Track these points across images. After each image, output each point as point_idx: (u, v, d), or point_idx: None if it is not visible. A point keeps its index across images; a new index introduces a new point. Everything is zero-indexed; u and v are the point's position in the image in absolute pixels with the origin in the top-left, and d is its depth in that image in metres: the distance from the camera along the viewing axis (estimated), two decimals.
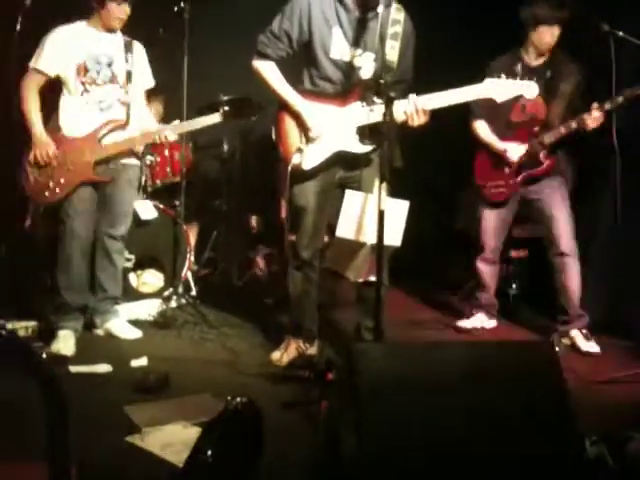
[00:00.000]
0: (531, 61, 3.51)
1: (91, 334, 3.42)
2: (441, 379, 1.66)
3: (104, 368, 2.88)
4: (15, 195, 3.35)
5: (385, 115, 2.41)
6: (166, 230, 4.02)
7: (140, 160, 3.50)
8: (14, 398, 2.23)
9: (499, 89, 2.69)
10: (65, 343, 3.11)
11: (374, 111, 2.73)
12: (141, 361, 2.99)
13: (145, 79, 3.41)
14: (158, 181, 4.20)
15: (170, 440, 2.17)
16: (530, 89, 2.71)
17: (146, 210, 3.89)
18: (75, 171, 3.16)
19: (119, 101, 3.25)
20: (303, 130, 2.87)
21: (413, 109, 2.66)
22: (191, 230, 4.39)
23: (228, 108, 3.40)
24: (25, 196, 3.28)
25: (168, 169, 4.21)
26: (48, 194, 3.17)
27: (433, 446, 1.56)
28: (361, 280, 2.83)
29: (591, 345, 3.44)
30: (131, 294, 3.80)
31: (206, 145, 4.58)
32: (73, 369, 2.85)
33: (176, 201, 4.08)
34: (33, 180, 3.17)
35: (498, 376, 1.69)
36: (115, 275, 3.46)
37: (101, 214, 3.32)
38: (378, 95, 2.70)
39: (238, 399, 1.89)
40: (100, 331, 3.45)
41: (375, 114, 2.71)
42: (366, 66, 2.84)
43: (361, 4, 2.77)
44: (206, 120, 3.31)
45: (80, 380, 2.75)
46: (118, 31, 3.25)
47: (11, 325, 3.24)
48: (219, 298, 4.16)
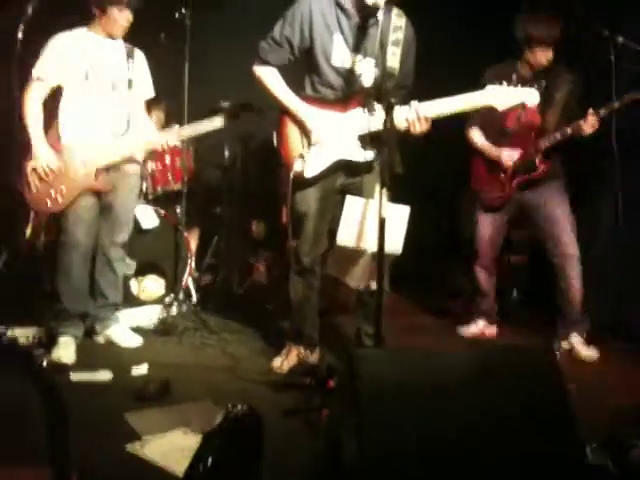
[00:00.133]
0: (526, 73, 3.51)
1: (91, 341, 3.41)
2: (441, 384, 1.65)
3: (105, 375, 2.87)
4: (16, 202, 3.35)
5: (386, 122, 2.41)
6: (167, 237, 4.02)
7: (141, 167, 3.51)
8: (15, 404, 2.22)
9: (501, 96, 2.68)
10: (65, 350, 3.10)
11: (375, 117, 2.73)
12: (142, 368, 2.98)
13: (146, 88, 3.41)
14: (159, 188, 4.20)
15: (171, 448, 2.17)
16: (531, 96, 2.70)
17: (147, 217, 3.89)
18: (76, 179, 3.16)
19: (120, 108, 3.25)
20: (305, 135, 2.88)
21: (415, 116, 2.66)
22: (192, 236, 4.39)
23: (229, 112, 3.40)
24: (26, 203, 3.28)
25: (169, 176, 4.21)
26: (50, 203, 3.16)
27: (434, 451, 1.56)
28: (362, 287, 2.83)
29: (590, 350, 3.44)
30: (132, 301, 3.80)
31: (207, 152, 4.58)
32: (73, 376, 2.84)
33: (177, 208, 4.08)
34: (35, 189, 3.16)
35: (499, 381, 1.69)
36: (116, 282, 3.46)
37: (102, 221, 3.32)
38: (379, 101, 2.71)
39: (239, 407, 1.88)
40: (100, 338, 3.44)
41: (376, 120, 2.71)
42: (367, 72, 2.85)
43: (361, 10, 2.77)
44: (207, 125, 3.31)
45: (80, 387, 2.74)
46: (119, 38, 3.25)
47: (12, 332, 3.24)
48: (220, 304, 4.16)
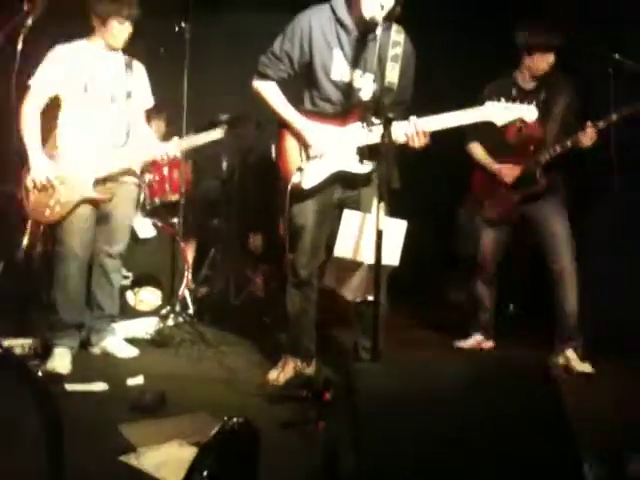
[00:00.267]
0: (526, 85, 3.54)
1: (87, 352, 3.40)
2: (439, 398, 1.65)
3: (100, 386, 2.86)
4: (13, 212, 3.35)
5: (383, 136, 2.43)
6: (164, 248, 4.02)
7: (139, 178, 3.51)
8: (9, 415, 2.21)
9: (499, 112, 2.71)
10: (61, 361, 3.09)
11: (373, 132, 2.74)
12: (137, 379, 2.97)
13: (145, 98, 3.43)
14: (157, 199, 4.21)
15: (165, 460, 2.15)
16: (530, 112, 2.74)
17: (144, 228, 3.89)
18: (74, 190, 3.16)
19: (118, 120, 3.27)
20: (304, 149, 2.89)
21: (414, 131, 2.68)
22: (189, 248, 4.40)
23: (228, 125, 3.41)
24: (23, 214, 3.28)
25: (167, 187, 4.22)
26: (48, 213, 3.16)
27: (431, 465, 1.56)
28: (359, 299, 2.83)
29: (585, 366, 3.43)
30: (128, 312, 3.80)
31: (205, 164, 4.60)
32: (69, 387, 2.83)
33: (174, 219, 4.09)
34: (33, 200, 3.16)
35: (496, 394, 1.69)
36: (112, 293, 3.45)
37: (99, 232, 3.32)
38: (377, 116, 2.72)
39: (235, 419, 1.87)
40: (96, 349, 3.43)
41: (374, 135, 2.72)
42: (366, 87, 2.87)
43: (360, 26, 2.80)
44: (207, 136, 3.32)
45: (76, 398, 2.73)
46: (119, 50, 3.27)
47: (7, 342, 3.23)
48: (216, 316, 4.15)
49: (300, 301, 3.05)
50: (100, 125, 3.22)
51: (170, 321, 3.90)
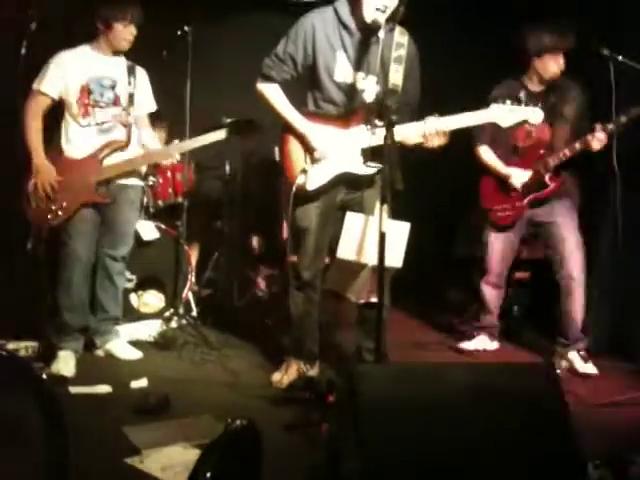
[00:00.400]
0: (534, 87, 3.51)
1: (91, 355, 3.41)
2: (442, 400, 1.65)
3: (104, 389, 2.87)
4: (16, 216, 3.35)
5: (386, 138, 2.43)
6: (167, 251, 4.02)
7: (142, 181, 3.52)
8: (14, 418, 2.21)
9: (504, 114, 2.71)
10: (65, 364, 3.10)
11: (376, 134, 2.75)
12: (141, 382, 2.98)
13: (147, 103, 3.44)
14: (160, 202, 4.22)
15: (170, 462, 2.16)
16: (535, 114, 2.73)
17: (148, 231, 3.90)
18: (77, 193, 3.17)
19: (121, 123, 3.27)
20: (308, 151, 2.90)
21: (432, 130, 2.68)
22: (192, 251, 4.40)
23: (232, 127, 3.42)
24: (27, 217, 3.29)
25: (170, 190, 4.23)
26: (51, 216, 3.17)
27: (433, 467, 1.56)
28: (362, 301, 2.83)
29: (589, 367, 3.42)
30: (132, 314, 3.80)
31: (208, 166, 4.61)
32: (73, 390, 2.84)
33: (178, 222, 4.09)
34: (35, 203, 3.17)
35: (499, 398, 1.69)
36: (116, 296, 3.46)
37: (102, 235, 3.33)
38: (380, 118, 2.73)
39: (238, 421, 1.87)
40: (100, 352, 3.43)
41: (377, 137, 2.73)
42: (369, 89, 2.87)
43: (363, 28, 2.80)
44: (210, 137, 3.32)
45: (80, 401, 2.74)
46: (122, 54, 3.28)
47: (12, 345, 3.24)
48: (220, 319, 4.15)
49: (303, 303, 3.05)
50: (102, 128, 3.23)
51: (173, 323, 3.90)
